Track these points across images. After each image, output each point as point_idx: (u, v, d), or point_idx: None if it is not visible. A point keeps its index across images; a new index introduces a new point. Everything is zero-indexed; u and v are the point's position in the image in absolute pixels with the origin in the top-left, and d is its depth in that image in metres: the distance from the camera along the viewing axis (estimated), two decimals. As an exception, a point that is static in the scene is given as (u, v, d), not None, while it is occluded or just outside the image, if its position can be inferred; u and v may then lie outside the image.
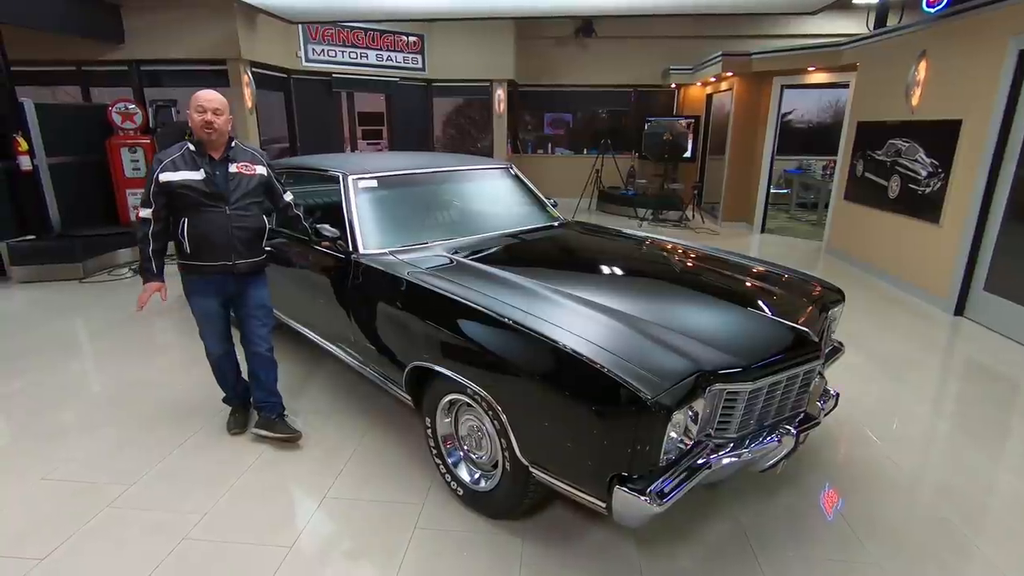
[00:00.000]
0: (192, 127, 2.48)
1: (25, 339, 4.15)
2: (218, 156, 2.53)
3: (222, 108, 2.49)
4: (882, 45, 6.01)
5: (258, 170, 2.63)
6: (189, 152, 2.50)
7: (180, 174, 2.46)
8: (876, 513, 2.38)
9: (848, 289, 2.79)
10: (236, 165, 2.57)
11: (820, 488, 2.52)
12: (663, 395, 1.67)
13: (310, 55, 8.25)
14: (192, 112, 2.45)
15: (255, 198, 2.63)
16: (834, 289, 2.72)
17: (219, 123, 2.47)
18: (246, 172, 2.59)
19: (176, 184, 2.45)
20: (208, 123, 2.44)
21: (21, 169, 5.71)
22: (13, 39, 6.03)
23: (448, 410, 2.37)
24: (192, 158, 2.50)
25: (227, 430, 2.91)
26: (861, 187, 6.31)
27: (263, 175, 2.65)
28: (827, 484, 2.55)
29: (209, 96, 2.47)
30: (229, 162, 2.55)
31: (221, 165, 2.53)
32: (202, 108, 2.45)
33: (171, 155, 2.49)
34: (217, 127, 2.46)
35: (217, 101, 2.47)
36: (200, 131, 2.47)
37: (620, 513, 1.73)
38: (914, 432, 3.03)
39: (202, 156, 2.50)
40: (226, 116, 2.51)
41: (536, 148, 11.48)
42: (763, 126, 8.07)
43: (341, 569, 2.04)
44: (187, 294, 2.67)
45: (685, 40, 9.78)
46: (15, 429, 2.99)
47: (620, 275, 2.74)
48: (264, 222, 2.70)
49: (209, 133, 2.46)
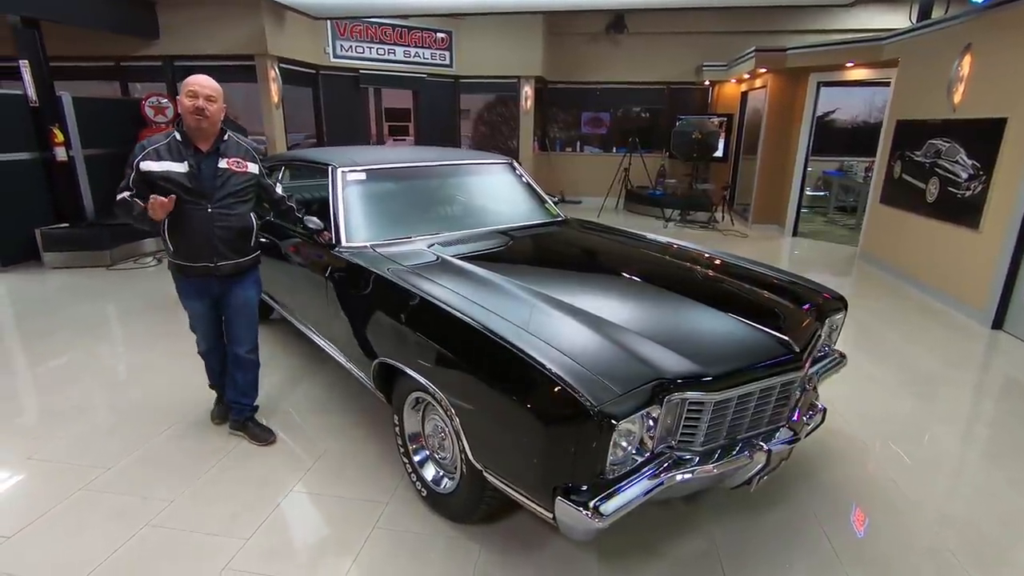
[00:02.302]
0: (182, 113, 2.28)
1: (48, 321, 4.32)
2: (206, 148, 2.35)
3: (216, 95, 2.30)
4: (925, 39, 5.63)
5: (250, 168, 2.46)
6: (175, 142, 2.32)
7: (162, 164, 2.28)
8: (868, 539, 2.20)
9: (879, 298, 2.60)
10: (227, 160, 2.38)
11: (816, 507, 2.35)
12: (609, 404, 1.56)
13: (338, 51, 8.35)
14: (183, 97, 2.26)
15: (242, 197, 2.45)
16: (835, 296, 2.53)
17: (211, 111, 2.28)
18: (236, 169, 2.40)
19: (157, 175, 2.27)
20: (199, 110, 2.25)
21: (57, 160, 5.97)
22: (59, 37, 6.33)
23: (415, 408, 2.32)
24: (178, 148, 2.31)
25: (210, 419, 2.90)
26: (898, 190, 5.94)
27: (254, 174, 2.48)
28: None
29: (203, 81, 2.29)
30: (219, 156, 2.37)
31: (209, 159, 2.35)
32: (194, 93, 2.25)
33: (156, 143, 2.31)
34: (209, 115, 2.27)
35: (211, 88, 2.29)
36: (189, 118, 2.27)
37: (564, 525, 1.63)
38: (930, 454, 2.80)
39: (188, 147, 2.32)
40: (219, 105, 2.32)
41: (565, 146, 11.33)
42: (798, 125, 7.71)
43: (293, 564, 2.01)
44: (177, 292, 2.58)
45: (719, 36, 9.45)
46: (16, 408, 3.09)
47: (603, 276, 2.62)
48: (251, 221, 2.53)
49: (199, 121, 2.27)
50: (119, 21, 6.66)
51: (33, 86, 5.71)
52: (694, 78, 10.11)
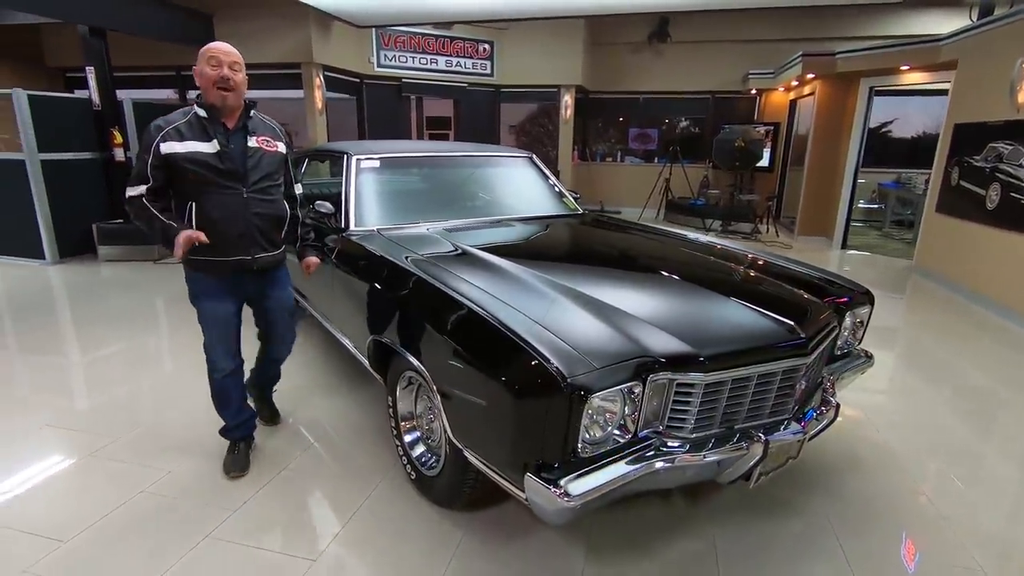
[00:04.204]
0: (202, 87, 2.00)
1: (94, 309, 4.57)
2: (232, 125, 2.06)
3: (239, 63, 2.02)
4: (985, 37, 5.28)
5: (279, 147, 2.19)
6: (197, 118, 2.01)
7: (187, 144, 1.97)
8: (891, 553, 1.99)
9: (931, 310, 2.40)
10: (256, 138, 2.10)
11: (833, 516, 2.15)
12: (582, 376, 1.47)
13: (382, 61, 8.59)
14: (203, 67, 1.97)
15: (275, 180, 2.17)
16: (859, 289, 2.35)
17: (237, 80, 1.99)
18: (267, 148, 2.13)
19: (182, 157, 1.96)
20: (224, 79, 1.95)
21: (116, 160, 6.35)
22: (126, 48, 6.80)
23: (407, 388, 2.28)
24: (202, 126, 2.00)
25: (224, 472, 2.31)
26: (955, 197, 5.55)
27: (283, 154, 2.22)
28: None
29: (224, 47, 2.00)
30: (248, 134, 2.08)
31: (237, 136, 2.06)
32: (216, 61, 1.95)
33: (174, 122, 2.00)
34: (235, 86, 1.99)
35: (235, 54, 2.01)
36: (212, 93, 1.97)
37: (536, 505, 1.55)
38: (969, 471, 2.54)
39: (214, 124, 2.02)
40: (244, 75, 2.03)
41: (605, 156, 11.24)
42: (848, 133, 7.35)
43: (272, 537, 1.99)
44: (193, 297, 2.18)
45: (765, 44, 9.18)
46: (48, 381, 3.25)
47: (609, 263, 2.54)
48: (285, 209, 2.25)
49: (224, 96, 1.97)
50: (179, 32, 7.07)
51: (97, 91, 6.12)
52: (740, 87, 9.85)
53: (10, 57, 8.10)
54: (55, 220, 5.92)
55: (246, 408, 2.41)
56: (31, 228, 5.86)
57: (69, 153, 6.03)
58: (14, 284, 5.22)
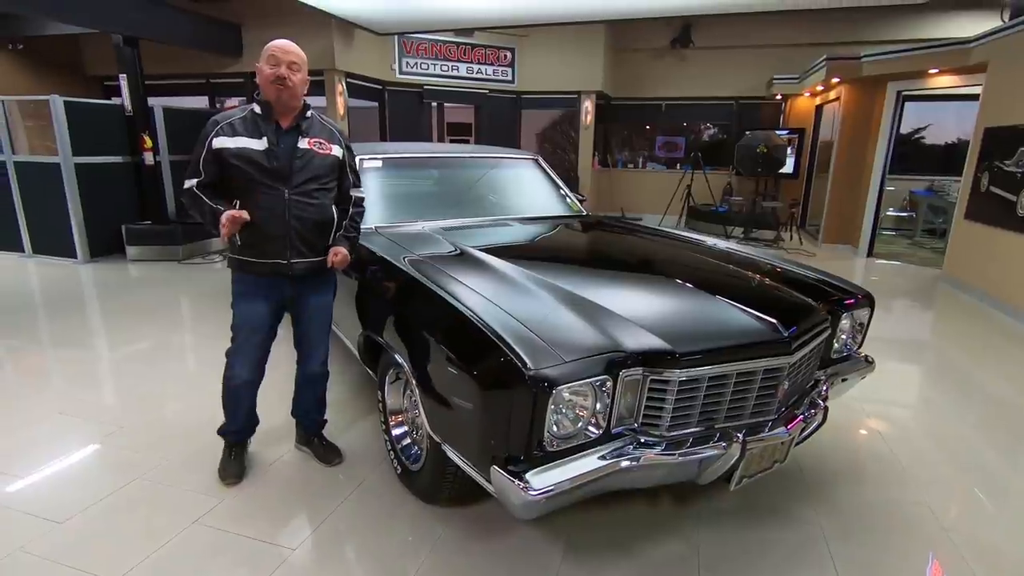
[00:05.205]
0: (260, 84, 2.00)
1: (120, 305, 4.76)
2: (287, 125, 2.03)
3: (300, 63, 2.00)
4: (1018, 38, 5.08)
5: (334, 150, 2.13)
6: (253, 115, 2.01)
7: (238, 140, 1.97)
8: (885, 565, 1.92)
9: (955, 319, 2.31)
10: (308, 140, 2.05)
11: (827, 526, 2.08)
12: (548, 368, 1.47)
13: (404, 68, 8.73)
14: (263, 65, 1.97)
15: (323, 183, 2.11)
16: (858, 293, 2.27)
17: (295, 80, 1.97)
18: (319, 151, 2.07)
19: (231, 152, 1.96)
20: (280, 78, 1.94)
21: (146, 163, 6.59)
22: (158, 57, 7.08)
23: (395, 383, 2.30)
24: (255, 122, 2.00)
25: (220, 478, 2.27)
26: (985, 203, 5.35)
27: (338, 157, 2.15)
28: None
29: (285, 46, 1.98)
30: (300, 135, 2.05)
31: (288, 136, 2.03)
32: (275, 60, 1.95)
33: (230, 117, 2.00)
34: (291, 85, 1.96)
35: (295, 53, 1.99)
36: (269, 88, 1.96)
37: (503, 498, 1.54)
38: (976, 482, 2.43)
39: (267, 121, 2.00)
40: (303, 75, 2.02)
41: (627, 163, 11.17)
42: (875, 139, 7.16)
43: (256, 525, 2.03)
44: (234, 297, 2.15)
45: (790, 48, 9.01)
46: (70, 372, 3.39)
47: (601, 262, 2.53)
48: (332, 213, 2.16)
49: (279, 91, 1.96)
50: (208, 40, 7.34)
51: (129, 97, 6.38)
52: (764, 92, 9.69)
53: (54, 65, 8.51)
54: (87, 221, 6.17)
55: (252, 416, 2.35)
56: (65, 228, 6.12)
57: (101, 157, 6.29)
58: (48, 281, 5.46)
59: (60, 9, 5.64)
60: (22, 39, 7.87)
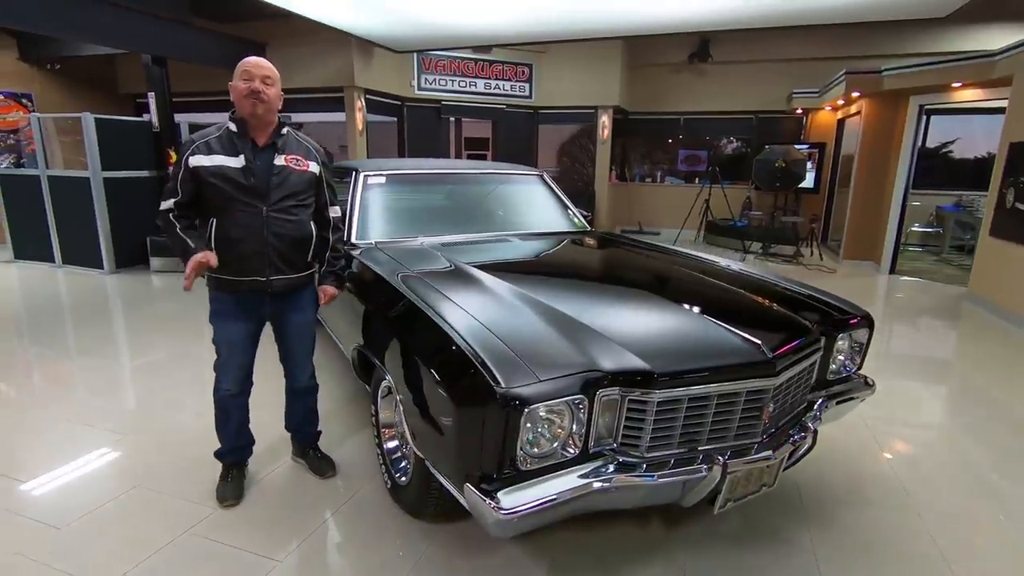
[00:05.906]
0: (235, 100, 1.99)
1: (141, 315, 4.92)
2: (263, 142, 2.02)
3: (273, 77, 1.99)
4: (1043, 50, 4.96)
5: (311, 167, 2.12)
6: (228, 132, 2.01)
7: (214, 159, 1.96)
8: (875, 595, 1.86)
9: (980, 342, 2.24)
10: (284, 157, 2.04)
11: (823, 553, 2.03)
12: (521, 387, 1.47)
13: (423, 84, 8.88)
14: (236, 81, 1.96)
15: (301, 200, 2.10)
16: (857, 313, 2.23)
17: (269, 94, 1.96)
18: (296, 167, 2.07)
19: (208, 170, 1.95)
20: (255, 92, 1.93)
21: (170, 178, 6.82)
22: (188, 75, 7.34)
23: (386, 397, 2.32)
24: (231, 140, 1.99)
25: (218, 501, 2.23)
26: (1010, 220, 5.18)
27: (315, 174, 2.14)
28: None
29: (258, 62, 1.99)
30: (276, 152, 2.03)
31: (265, 153, 2.02)
32: (249, 75, 1.94)
33: (206, 136, 2.00)
34: (266, 99, 1.96)
35: (268, 68, 1.99)
36: (243, 103, 1.95)
37: (477, 516, 1.54)
38: (983, 510, 2.33)
39: (243, 139, 2.00)
40: (277, 90, 2.01)
41: (644, 177, 11.13)
42: (896, 154, 7.01)
43: (243, 536, 2.05)
44: (212, 315, 2.16)
45: (810, 62, 8.90)
46: (83, 379, 3.50)
47: (596, 279, 2.52)
48: (311, 230, 2.16)
49: (254, 105, 1.94)
50: (234, 60, 7.45)
51: (156, 114, 6.62)
52: (784, 106, 9.58)
53: (89, 84, 8.89)
54: (113, 233, 6.39)
55: (245, 434, 2.33)
56: (92, 240, 6.35)
57: (129, 171, 6.52)
58: (75, 291, 5.66)
59: (94, 31, 5.90)
60: (59, 59, 8.25)
